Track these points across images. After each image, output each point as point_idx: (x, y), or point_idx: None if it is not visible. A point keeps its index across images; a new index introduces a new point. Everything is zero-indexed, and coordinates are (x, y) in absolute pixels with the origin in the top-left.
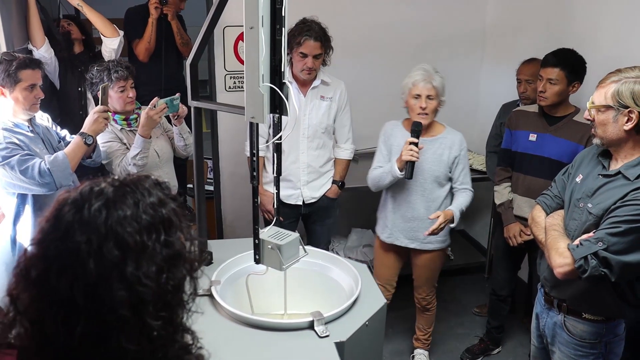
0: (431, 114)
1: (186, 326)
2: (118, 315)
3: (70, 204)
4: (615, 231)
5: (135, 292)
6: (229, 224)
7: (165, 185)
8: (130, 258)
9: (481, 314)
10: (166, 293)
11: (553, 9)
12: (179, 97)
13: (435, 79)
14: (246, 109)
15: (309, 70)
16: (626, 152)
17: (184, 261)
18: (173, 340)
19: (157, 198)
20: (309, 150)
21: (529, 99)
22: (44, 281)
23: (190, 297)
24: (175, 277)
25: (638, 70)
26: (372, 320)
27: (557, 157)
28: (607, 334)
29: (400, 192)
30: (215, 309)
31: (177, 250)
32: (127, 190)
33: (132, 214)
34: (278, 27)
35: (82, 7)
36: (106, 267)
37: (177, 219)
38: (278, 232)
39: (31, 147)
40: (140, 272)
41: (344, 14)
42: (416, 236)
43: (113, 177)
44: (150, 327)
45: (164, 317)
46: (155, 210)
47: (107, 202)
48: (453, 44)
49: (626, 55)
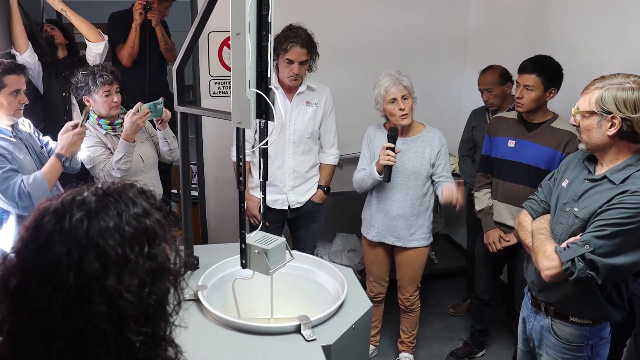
0: (410, 113)
1: (169, 339)
2: (98, 330)
3: (51, 214)
4: (602, 234)
5: (115, 306)
6: (214, 229)
7: (151, 194)
8: (112, 271)
9: (457, 314)
10: (148, 307)
11: (533, 16)
12: (162, 101)
13: (402, 79)
14: (233, 115)
15: (295, 76)
16: (611, 157)
17: (167, 274)
18: (155, 355)
19: (142, 208)
20: (295, 156)
21: (493, 105)
22: (22, 292)
23: (174, 310)
24: (159, 290)
25: (621, 77)
26: (358, 323)
27: (535, 164)
28: (593, 337)
29: (384, 191)
30: (202, 313)
31: (160, 262)
32: (110, 200)
33: (115, 226)
34: (264, 33)
35: (65, 11)
36: (86, 281)
37: (162, 230)
38: (264, 236)
39: (15, 154)
40: (122, 286)
41: (329, 20)
42: (399, 234)
43: (96, 186)
44: (131, 342)
45: (145, 332)
46: (139, 221)
47: (89, 212)
48: (436, 49)
49: (603, 62)
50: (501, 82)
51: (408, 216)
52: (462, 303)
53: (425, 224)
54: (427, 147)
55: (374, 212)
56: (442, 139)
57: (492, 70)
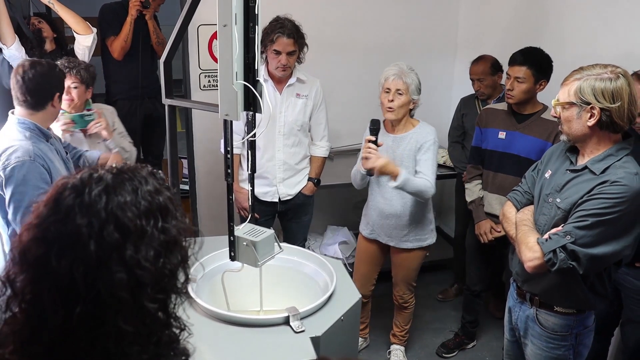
0: (398, 110)
1: (177, 316)
2: (117, 297)
3: (70, 189)
4: (583, 224)
5: (134, 274)
6: (205, 223)
7: (160, 176)
8: (130, 242)
9: (445, 299)
10: (163, 277)
11: (524, 7)
12: (92, 113)
13: (408, 75)
14: (220, 107)
15: (284, 67)
16: (591, 147)
17: (179, 248)
18: (168, 325)
19: (154, 186)
20: (285, 148)
21: (484, 94)
22: (44, 263)
23: (184, 285)
24: (172, 262)
25: (599, 68)
26: (347, 315)
27: (525, 154)
28: (577, 325)
29: (377, 189)
30: (191, 306)
31: (173, 236)
32: (126, 178)
33: (132, 200)
34: (251, 25)
35: (53, 4)
36: (106, 250)
37: (173, 207)
38: (253, 229)
39: (54, 162)
40: (140, 256)
41: (318, 13)
42: (391, 234)
43: (111, 166)
44: (147, 309)
45: (160, 300)
46: (153, 197)
47: (106, 187)
48: (427, 41)
49: (592, 54)
50: (492, 72)
51: (400, 215)
52: (450, 288)
53: (420, 225)
54: (415, 144)
55: (370, 210)
56: (430, 135)
57: (483, 60)
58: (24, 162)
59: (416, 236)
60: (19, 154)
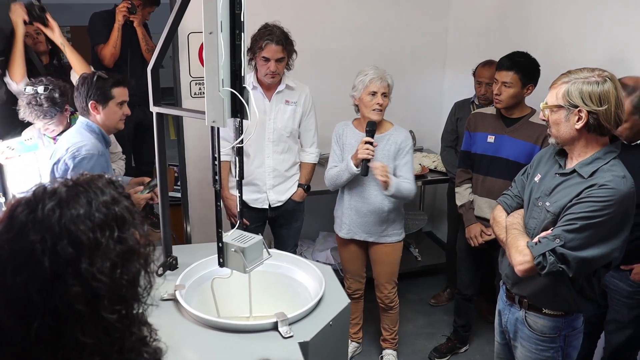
0: (384, 111)
1: (143, 319)
2: (74, 310)
3: (24, 205)
4: (571, 228)
5: (89, 287)
6: (198, 230)
7: (119, 184)
8: (85, 255)
9: (438, 304)
10: (121, 287)
11: (511, 15)
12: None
13: (388, 77)
14: (207, 113)
15: (272, 74)
16: (580, 150)
17: (138, 256)
18: (130, 333)
19: (110, 196)
20: (275, 154)
21: (487, 100)
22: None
23: (146, 291)
24: (130, 271)
25: (587, 72)
26: (336, 320)
27: (514, 158)
28: (565, 327)
29: (355, 188)
30: (180, 313)
31: (130, 246)
32: (80, 190)
33: (85, 213)
34: (237, 32)
35: (64, 45)
36: (61, 265)
37: (130, 216)
38: (241, 235)
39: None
40: (94, 268)
41: (309, 21)
42: (370, 230)
43: (66, 178)
44: (106, 320)
45: (119, 310)
46: (109, 208)
47: (60, 201)
48: (416, 47)
49: (579, 58)
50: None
51: (379, 212)
52: (442, 292)
53: (397, 220)
54: (394, 145)
55: (345, 209)
56: (408, 139)
57: (493, 65)
58: (92, 155)
59: (394, 230)
60: (89, 147)
